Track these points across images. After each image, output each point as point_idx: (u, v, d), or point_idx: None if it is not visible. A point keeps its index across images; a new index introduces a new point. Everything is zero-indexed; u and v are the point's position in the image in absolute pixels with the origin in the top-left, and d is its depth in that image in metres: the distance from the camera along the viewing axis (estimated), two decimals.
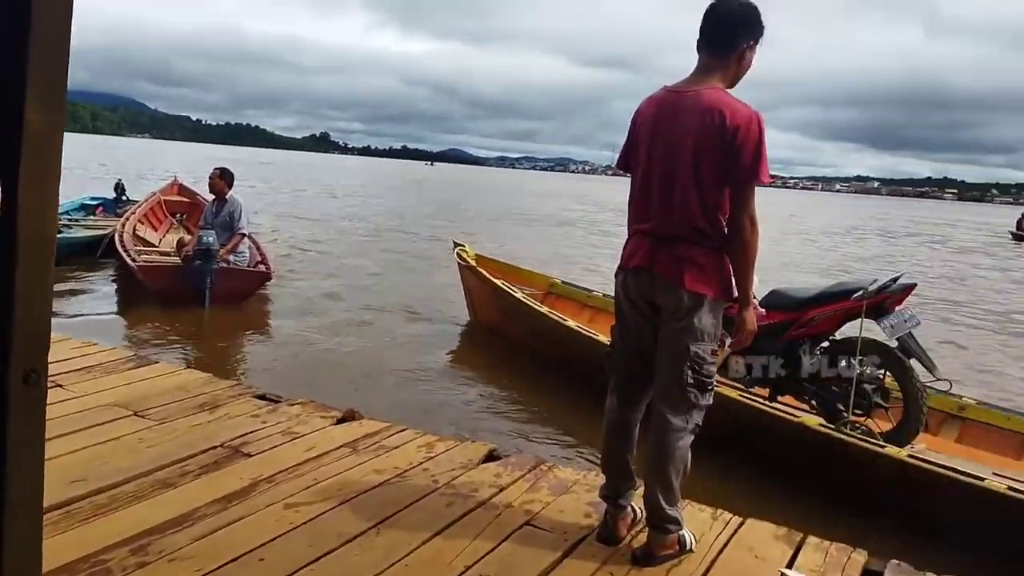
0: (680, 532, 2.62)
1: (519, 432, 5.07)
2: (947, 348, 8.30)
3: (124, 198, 13.24)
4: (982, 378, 7.31)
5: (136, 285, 7.75)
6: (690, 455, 2.60)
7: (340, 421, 3.70)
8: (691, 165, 2.47)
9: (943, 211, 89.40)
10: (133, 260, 7.89)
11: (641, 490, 2.68)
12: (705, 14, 2.55)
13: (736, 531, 2.83)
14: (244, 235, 8.02)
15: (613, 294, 2.74)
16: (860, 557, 2.69)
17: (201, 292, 7.35)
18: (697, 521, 2.86)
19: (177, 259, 7.90)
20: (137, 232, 10.13)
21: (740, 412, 4.29)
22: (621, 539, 2.70)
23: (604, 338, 5.20)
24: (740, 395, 4.43)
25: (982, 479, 3.44)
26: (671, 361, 2.54)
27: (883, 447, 3.82)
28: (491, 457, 3.40)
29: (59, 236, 9.56)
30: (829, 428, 4.07)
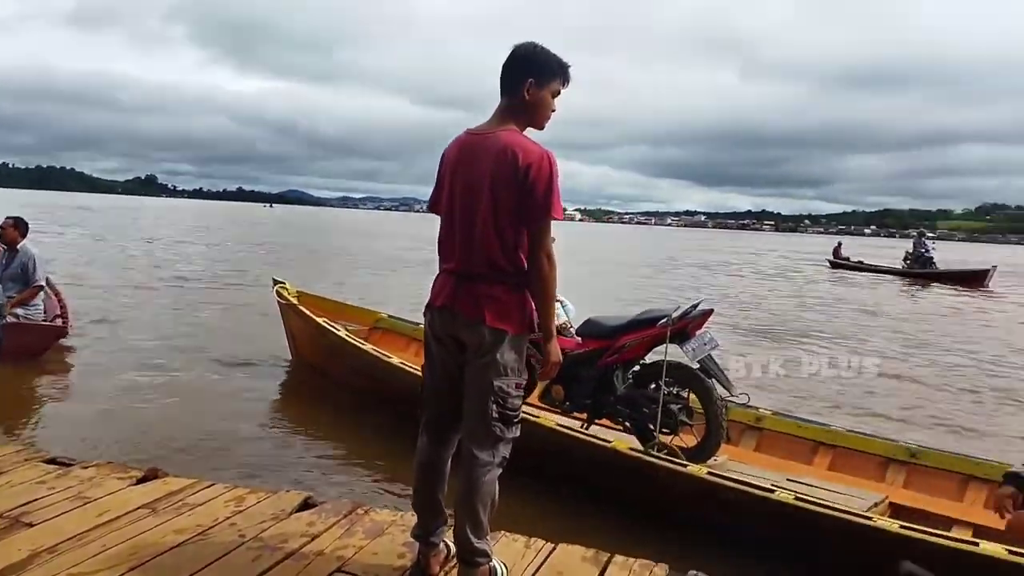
0: (490, 563, 2.64)
1: (339, 477, 4.92)
2: (744, 364, 8.90)
3: None
4: (778, 390, 7.91)
5: None
6: (497, 488, 2.62)
7: (141, 481, 3.47)
8: (489, 205, 2.53)
9: (761, 241, 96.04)
10: None
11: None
12: None
13: (548, 557, 2.89)
14: (40, 287, 7.43)
15: None
16: (661, 571, 2.81)
17: None
18: (511, 551, 2.88)
19: None
20: None
21: (556, 439, 4.38)
22: None
23: None
24: (556, 423, 4.53)
25: (772, 491, 3.65)
26: (476, 397, 2.57)
27: (685, 466, 4.00)
28: (306, 505, 3.30)
29: None
30: (638, 451, 4.23)
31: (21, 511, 3.05)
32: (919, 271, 25.50)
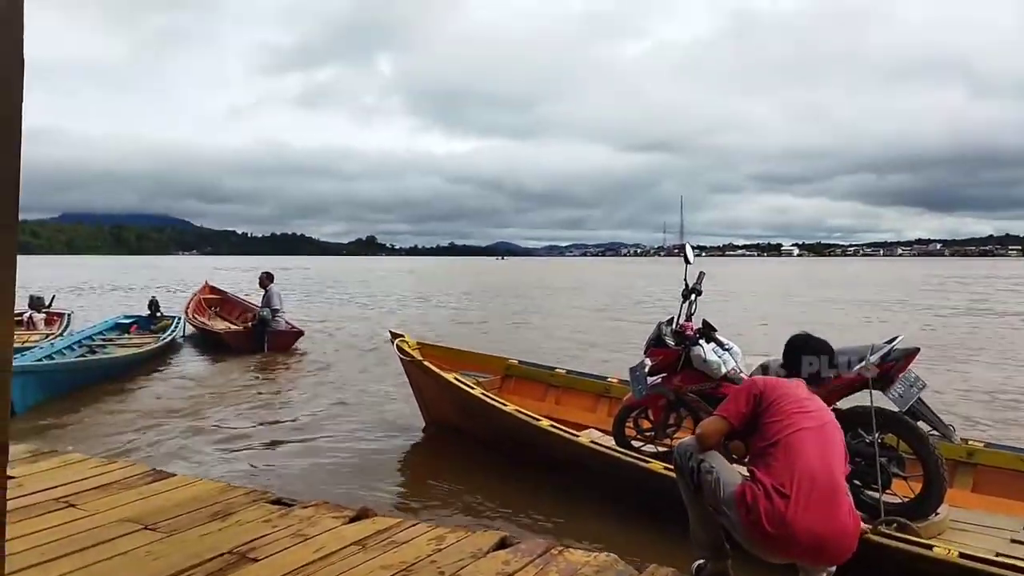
0: None
1: (532, 520, 4.88)
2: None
3: (159, 315, 13.72)
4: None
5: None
6: None
7: (353, 520, 3.64)
8: None
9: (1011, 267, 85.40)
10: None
11: None
12: None
13: None
14: (278, 309, 13.20)
15: (578, 370, 2.72)
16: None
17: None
18: None
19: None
20: (196, 318, 14.81)
21: None
22: None
23: (585, 439, 5.07)
24: None
25: None
26: None
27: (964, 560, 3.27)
28: (502, 545, 3.32)
29: (91, 357, 9.93)
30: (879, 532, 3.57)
31: (248, 548, 3.28)
32: None
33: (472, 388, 6.09)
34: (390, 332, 7.58)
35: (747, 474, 3.19)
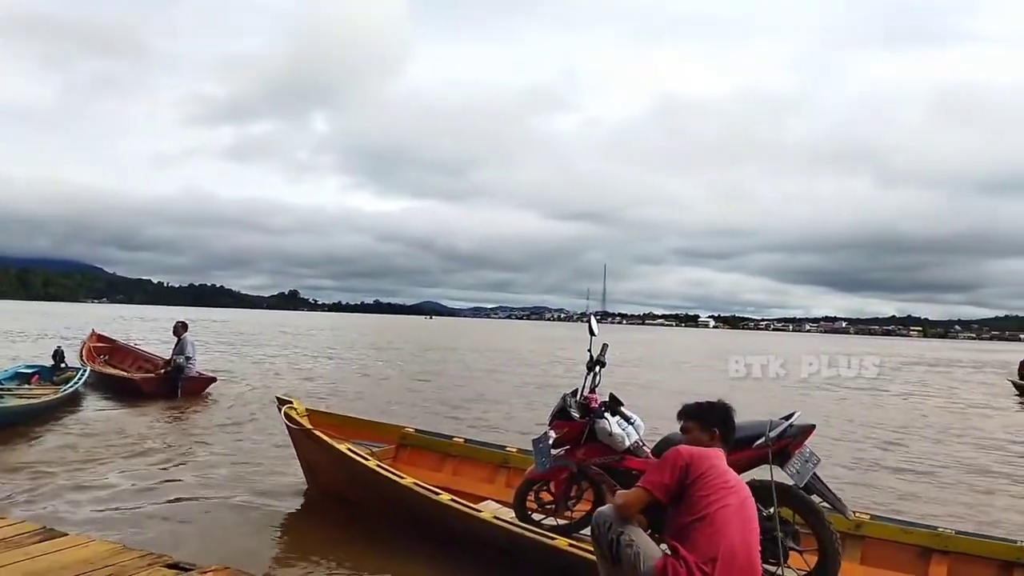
0: None
1: None
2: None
3: (63, 365, 13.22)
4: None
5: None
6: None
7: None
8: None
9: (913, 347, 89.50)
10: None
11: None
12: None
13: None
14: (190, 357, 13.57)
15: (476, 440, 2.70)
16: None
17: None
18: None
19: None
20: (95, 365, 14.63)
21: None
22: None
23: (488, 514, 4.98)
24: None
25: None
26: None
27: None
28: None
29: None
30: None
31: None
32: None
33: (367, 460, 5.86)
34: (277, 398, 7.01)
35: (666, 548, 3.21)
